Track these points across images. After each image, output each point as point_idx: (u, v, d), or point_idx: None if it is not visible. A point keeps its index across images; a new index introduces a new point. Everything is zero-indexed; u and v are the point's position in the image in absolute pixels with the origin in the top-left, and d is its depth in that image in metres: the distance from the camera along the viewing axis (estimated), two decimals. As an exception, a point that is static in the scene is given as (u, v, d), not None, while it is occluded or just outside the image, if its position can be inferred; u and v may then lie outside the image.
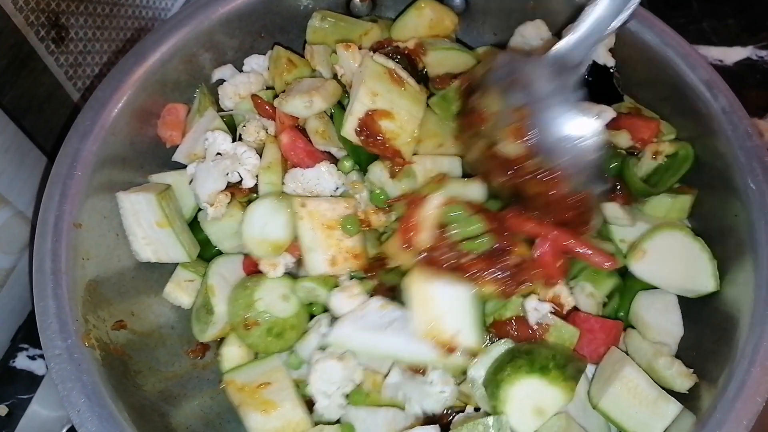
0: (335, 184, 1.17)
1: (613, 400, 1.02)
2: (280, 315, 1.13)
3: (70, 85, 1.55)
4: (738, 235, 1.06)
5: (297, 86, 1.22)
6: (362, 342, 1.06)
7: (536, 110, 1.02)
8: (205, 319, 1.17)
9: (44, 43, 1.43)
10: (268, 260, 1.14)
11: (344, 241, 1.11)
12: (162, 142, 1.29)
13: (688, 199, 1.18)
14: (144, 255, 1.18)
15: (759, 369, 0.92)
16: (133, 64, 1.20)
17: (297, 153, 1.20)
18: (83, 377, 0.95)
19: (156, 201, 1.15)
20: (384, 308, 1.07)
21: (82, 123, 1.14)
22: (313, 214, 1.11)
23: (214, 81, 1.34)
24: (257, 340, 1.13)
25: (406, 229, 1.06)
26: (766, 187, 1.05)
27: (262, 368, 1.14)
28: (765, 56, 1.88)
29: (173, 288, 1.23)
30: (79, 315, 1.01)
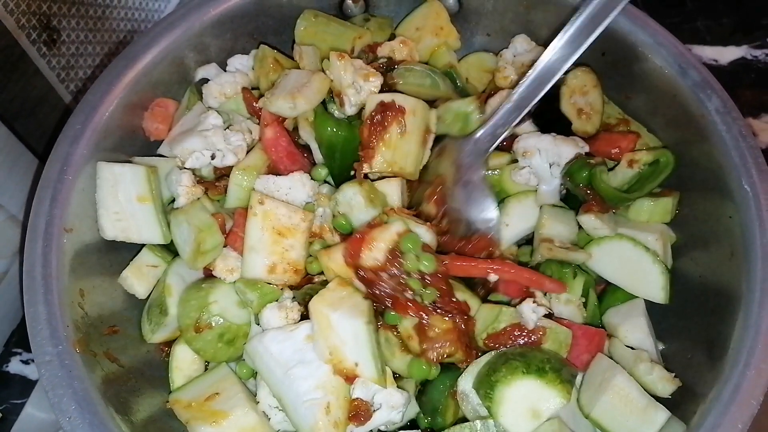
0: (306, 196, 1.15)
1: (605, 409, 1.02)
2: (234, 321, 1.09)
3: (62, 87, 1.55)
4: (732, 237, 1.05)
5: (283, 81, 1.20)
6: (266, 369, 1.01)
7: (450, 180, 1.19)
8: (157, 319, 1.13)
9: (36, 46, 1.42)
10: (225, 266, 1.12)
11: (290, 252, 1.08)
12: (148, 139, 1.27)
13: (669, 201, 1.19)
14: (110, 232, 1.12)
15: (754, 372, 0.92)
16: (123, 67, 1.20)
17: (278, 150, 1.18)
18: (74, 383, 0.95)
19: (145, 174, 1.13)
20: (308, 341, 1.01)
21: (73, 127, 1.13)
22: (267, 214, 1.08)
23: (198, 80, 1.32)
24: (206, 345, 1.09)
25: (357, 241, 1.04)
26: (760, 188, 1.05)
27: (210, 380, 1.09)
28: (759, 56, 1.88)
29: (132, 273, 1.17)
30: (70, 321, 1.00)
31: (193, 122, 1.24)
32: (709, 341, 1.04)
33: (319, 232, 1.15)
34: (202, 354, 1.10)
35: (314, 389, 0.97)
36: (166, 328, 1.13)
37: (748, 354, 0.93)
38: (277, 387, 1.00)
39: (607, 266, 1.17)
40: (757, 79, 1.84)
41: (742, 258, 1.02)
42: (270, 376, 1.00)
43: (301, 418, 0.97)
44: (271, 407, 1.03)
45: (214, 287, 1.11)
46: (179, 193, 1.15)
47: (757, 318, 0.96)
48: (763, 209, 1.03)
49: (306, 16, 1.32)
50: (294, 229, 1.09)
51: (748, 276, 1.00)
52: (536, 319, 1.05)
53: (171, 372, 1.14)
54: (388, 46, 1.32)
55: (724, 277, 1.06)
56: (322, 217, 1.16)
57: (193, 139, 1.16)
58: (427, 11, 1.39)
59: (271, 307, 1.06)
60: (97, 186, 1.12)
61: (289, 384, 0.98)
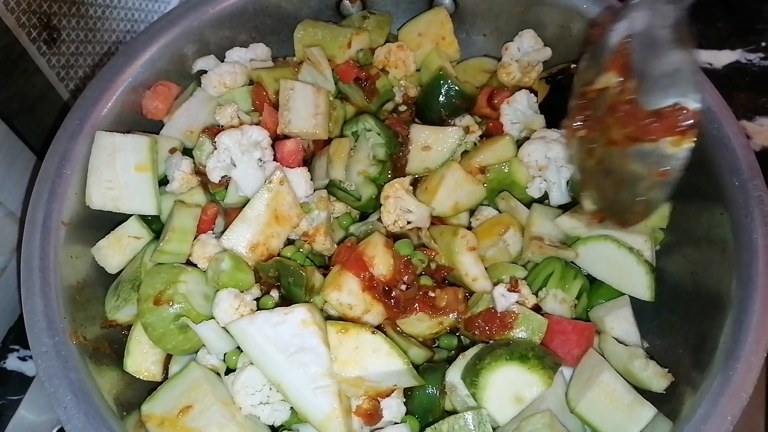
0: (305, 193, 1.15)
1: (590, 405, 1.03)
2: (197, 308, 1.05)
3: (62, 86, 1.55)
4: (723, 233, 1.06)
5: (294, 103, 1.21)
6: (260, 353, 0.98)
7: (637, 41, 1.00)
8: (126, 295, 1.09)
9: (36, 45, 1.43)
10: (203, 253, 1.10)
11: (273, 239, 1.09)
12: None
13: (666, 207, 1.20)
14: (98, 201, 1.11)
15: (743, 365, 0.92)
16: (123, 63, 1.21)
17: (293, 162, 1.19)
18: (70, 374, 0.95)
19: (148, 143, 1.14)
20: (305, 326, 0.98)
21: (72, 122, 1.14)
22: (279, 195, 1.08)
23: (196, 71, 1.32)
24: (159, 322, 1.03)
25: (359, 263, 1.04)
26: (750, 184, 1.06)
27: (181, 387, 1.03)
28: (754, 59, 1.89)
29: (108, 243, 1.14)
30: (67, 313, 1.01)
31: (199, 109, 1.25)
32: (700, 336, 1.04)
33: (312, 234, 1.14)
34: (150, 331, 1.04)
35: (322, 376, 0.97)
36: (134, 306, 1.09)
37: (738, 347, 0.94)
38: (277, 372, 0.97)
39: (594, 265, 1.19)
40: (752, 82, 1.85)
41: (734, 254, 1.03)
42: (267, 361, 0.98)
43: (312, 405, 0.96)
44: (255, 406, 1.00)
45: (187, 271, 1.08)
46: (175, 177, 1.15)
47: (748, 313, 0.96)
48: (753, 205, 1.04)
49: (304, 25, 1.35)
50: (287, 220, 1.10)
51: (738, 272, 1.01)
52: (507, 303, 1.06)
53: (126, 354, 1.09)
54: (386, 48, 1.33)
55: (715, 273, 1.07)
56: (316, 220, 1.16)
57: (231, 136, 1.13)
58: (433, 19, 1.40)
59: (230, 292, 1.04)
60: (92, 154, 1.11)
61: (293, 370, 0.97)
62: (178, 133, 1.25)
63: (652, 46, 0.98)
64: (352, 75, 1.30)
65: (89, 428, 0.92)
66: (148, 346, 1.08)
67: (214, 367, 1.07)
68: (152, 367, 1.10)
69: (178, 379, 1.04)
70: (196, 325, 1.03)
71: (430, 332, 1.11)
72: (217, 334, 1.04)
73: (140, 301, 1.05)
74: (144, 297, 1.04)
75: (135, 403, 1.03)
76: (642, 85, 0.97)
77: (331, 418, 0.95)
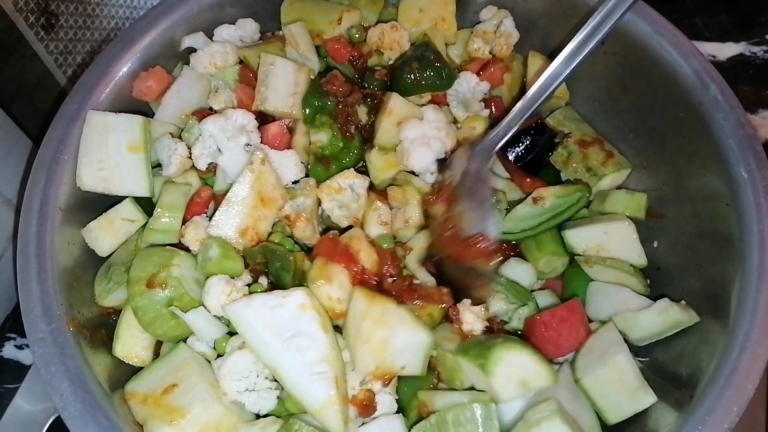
0: (293, 176, 1.14)
1: (597, 382, 1.03)
2: (189, 292, 1.02)
3: (60, 72, 1.54)
4: (729, 224, 1.05)
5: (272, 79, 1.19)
6: (256, 336, 0.96)
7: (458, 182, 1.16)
8: (117, 278, 1.07)
9: (33, 30, 1.41)
10: (196, 235, 1.08)
11: (262, 222, 1.07)
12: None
13: (643, 197, 1.26)
14: (89, 182, 1.08)
15: (749, 356, 0.91)
16: (120, 49, 1.19)
17: (279, 145, 1.17)
18: (67, 361, 0.94)
19: (141, 123, 1.11)
20: (304, 310, 0.97)
21: (69, 107, 1.13)
22: (261, 176, 1.06)
23: (183, 48, 1.29)
24: (150, 305, 1.00)
25: (347, 256, 1.04)
26: (757, 175, 1.05)
27: (167, 367, 1.01)
28: (758, 52, 1.88)
29: (100, 225, 1.11)
30: (64, 299, 0.99)
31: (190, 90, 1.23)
32: (705, 327, 1.04)
33: (294, 219, 1.12)
34: (140, 315, 1.02)
35: (320, 362, 0.95)
36: (125, 290, 1.06)
37: (744, 338, 0.93)
38: (272, 357, 0.96)
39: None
40: (755, 75, 1.84)
41: (740, 246, 1.02)
42: (262, 344, 0.96)
43: (309, 391, 0.95)
44: (240, 392, 0.98)
45: (180, 254, 1.06)
46: (171, 161, 1.13)
47: (754, 304, 0.95)
48: (760, 196, 1.03)
49: (289, 1, 1.33)
50: (272, 201, 1.08)
51: (744, 262, 1.00)
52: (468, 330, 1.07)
53: (116, 339, 1.07)
54: (379, 29, 1.30)
55: (720, 264, 1.06)
56: (300, 206, 1.14)
57: (215, 123, 1.11)
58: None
59: (220, 278, 1.02)
60: (83, 134, 1.09)
61: (290, 355, 0.95)
62: (172, 117, 1.22)
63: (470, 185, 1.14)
64: (345, 55, 1.28)
65: (86, 415, 0.91)
66: (137, 330, 1.06)
67: (204, 355, 1.06)
68: (142, 353, 1.08)
69: (166, 359, 1.02)
70: (185, 314, 1.02)
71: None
72: (206, 320, 1.03)
73: (131, 284, 1.02)
74: (135, 279, 1.02)
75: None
76: (461, 217, 1.13)
77: (328, 405, 0.94)
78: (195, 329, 1.03)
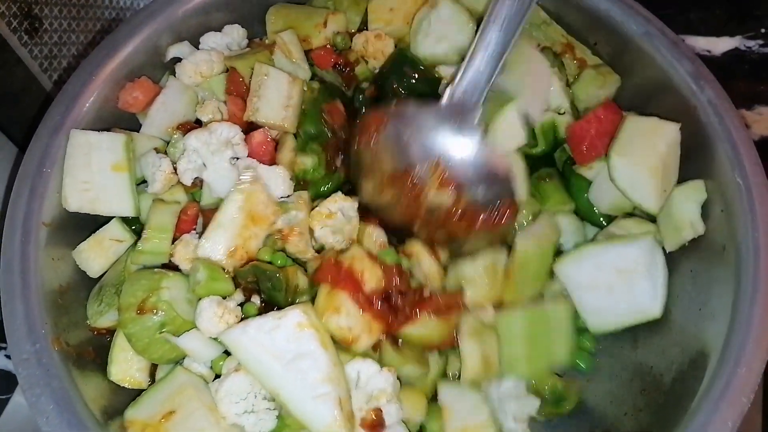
0: (282, 192, 1.12)
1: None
2: (181, 314, 1.01)
3: (45, 77, 1.51)
4: (724, 231, 1.04)
5: (265, 91, 1.17)
6: (256, 362, 0.95)
7: (450, 159, 1.09)
8: (109, 300, 1.06)
9: (17, 35, 1.39)
10: (185, 253, 1.06)
11: (252, 240, 1.05)
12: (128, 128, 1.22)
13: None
14: (75, 203, 1.07)
15: (744, 369, 0.90)
16: (104, 56, 1.17)
17: (263, 154, 1.15)
18: (52, 382, 0.92)
19: (124, 141, 1.10)
20: (301, 329, 0.96)
21: (52, 118, 1.10)
22: (251, 196, 1.05)
23: (169, 59, 1.27)
24: (143, 332, 0.99)
25: (351, 281, 1.01)
26: (752, 180, 1.03)
27: (165, 391, 1.00)
28: (753, 46, 1.86)
29: (89, 247, 1.10)
30: (49, 318, 0.98)
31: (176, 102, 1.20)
32: (699, 339, 1.02)
33: (286, 233, 1.10)
34: (134, 341, 1.01)
35: (322, 383, 0.94)
36: (116, 312, 1.05)
37: (739, 351, 0.92)
38: (274, 381, 0.95)
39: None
40: (751, 70, 1.83)
41: (734, 252, 1.01)
42: (263, 369, 0.95)
43: (313, 414, 0.93)
44: (239, 415, 0.97)
45: (169, 276, 1.04)
46: (156, 178, 1.11)
47: (749, 314, 0.94)
48: (755, 202, 1.01)
49: (276, 8, 1.31)
50: (264, 219, 1.06)
51: (739, 270, 0.99)
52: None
53: (110, 362, 1.06)
54: (363, 37, 1.28)
55: (715, 272, 1.04)
56: (293, 221, 1.11)
57: (199, 137, 1.09)
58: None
59: (212, 300, 1.00)
60: (67, 154, 1.08)
61: (292, 378, 0.94)
62: (158, 131, 1.20)
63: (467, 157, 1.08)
64: (329, 62, 1.26)
65: (72, 438, 0.90)
66: (132, 353, 1.04)
67: (201, 375, 1.05)
68: (137, 375, 1.06)
69: (163, 384, 1.01)
70: (177, 338, 1.00)
71: (440, 334, 1.07)
72: (200, 343, 1.01)
73: (121, 311, 1.01)
74: (125, 306, 1.00)
75: (120, 410, 1.00)
76: (468, 191, 1.09)
77: (333, 427, 0.93)
78: (190, 353, 1.03)
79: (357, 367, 1.00)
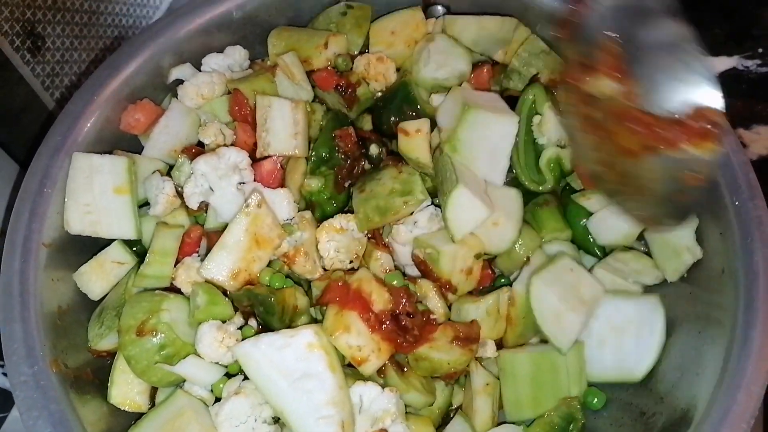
0: (286, 215, 1.12)
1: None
2: (181, 336, 1.01)
3: (47, 95, 1.52)
4: (723, 254, 1.04)
5: (272, 124, 1.17)
6: (264, 377, 0.95)
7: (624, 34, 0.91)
8: (109, 323, 1.06)
9: (19, 53, 1.40)
10: (187, 277, 1.07)
11: (255, 263, 1.05)
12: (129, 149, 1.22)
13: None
14: (77, 226, 1.07)
15: (744, 394, 0.90)
16: (106, 76, 1.17)
17: (273, 182, 1.16)
18: (50, 406, 0.92)
19: (126, 164, 1.10)
20: (311, 349, 0.96)
21: (53, 138, 1.11)
22: (258, 217, 1.05)
23: (172, 80, 1.27)
24: (142, 354, 0.99)
25: (359, 302, 1.01)
26: (750, 204, 1.03)
27: (164, 415, 0.99)
28: (751, 66, 1.87)
29: (91, 269, 1.10)
30: (48, 340, 0.97)
31: (179, 124, 1.21)
32: (698, 362, 1.02)
33: (292, 255, 1.11)
34: (133, 363, 1.00)
35: (326, 405, 0.94)
36: (117, 335, 1.04)
37: (739, 375, 0.91)
38: (280, 399, 0.94)
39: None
40: (749, 89, 1.83)
41: (733, 277, 1.00)
42: (271, 386, 0.95)
43: None
44: None
45: (170, 298, 1.04)
46: (158, 201, 1.12)
47: (748, 339, 0.94)
48: (753, 227, 1.01)
49: (278, 31, 1.32)
50: (269, 242, 1.06)
51: (739, 294, 0.98)
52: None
53: (111, 385, 1.05)
54: (365, 59, 1.29)
55: (715, 295, 1.04)
56: (298, 241, 1.12)
57: (208, 162, 1.09)
58: (408, 19, 1.33)
59: (212, 325, 1.00)
60: (69, 177, 1.08)
61: (298, 397, 0.94)
62: (161, 154, 1.20)
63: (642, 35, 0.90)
64: (331, 83, 1.26)
65: (70, 462, 0.89)
66: (132, 376, 1.04)
67: (201, 398, 1.04)
68: (138, 398, 1.06)
69: (163, 408, 1.01)
70: (175, 367, 1.00)
71: (453, 363, 1.05)
72: (199, 368, 1.01)
73: (121, 333, 1.01)
74: (125, 328, 1.00)
75: (118, 433, 1.00)
76: (646, 87, 0.89)
77: None
78: (189, 378, 1.03)
79: (359, 391, 0.99)
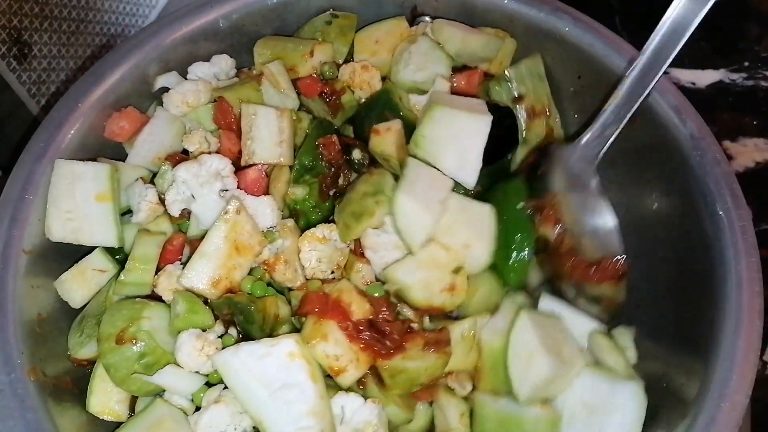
0: (270, 222, 1.11)
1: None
2: (161, 344, 1.00)
3: (33, 102, 1.52)
4: (705, 264, 1.04)
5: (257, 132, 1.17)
6: (243, 387, 0.94)
7: (566, 198, 1.14)
8: (90, 332, 1.05)
9: (5, 60, 1.39)
10: (168, 284, 1.06)
11: (236, 271, 1.04)
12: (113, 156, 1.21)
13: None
14: (58, 233, 1.06)
15: (728, 404, 0.89)
16: (91, 84, 1.16)
17: (257, 190, 1.15)
18: (27, 415, 0.90)
19: (108, 172, 1.09)
20: (293, 359, 0.95)
21: (36, 145, 1.10)
22: (237, 225, 1.04)
23: (157, 88, 1.27)
24: (122, 362, 0.98)
25: (338, 311, 1.00)
26: (735, 214, 1.04)
27: (143, 425, 0.98)
28: (737, 79, 1.89)
29: (72, 277, 1.09)
30: (26, 347, 0.96)
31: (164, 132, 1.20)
32: (683, 372, 1.01)
33: (272, 263, 1.10)
34: (112, 372, 0.99)
35: (306, 415, 0.92)
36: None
37: (723, 386, 0.91)
38: (259, 409, 0.93)
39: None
40: (735, 102, 1.85)
41: (717, 287, 1.00)
42: (250, 396, 0.93)
43: None
44: None
45: (150, 306, 1.03)
46: (141, 208, 1.11)
47: (732, 348, 0.93)
48: (737, 236, 1.01)
49: (264, 40, 1.32)
50: (249, 249, 1.06)
51: (722, 304, 0.98)
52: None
53: (90, 394, 1.04)
54: (350, 68, 1.29)
55: (698, 306, 1.04)
56: (279, 249, 1.11)
57: (189, 169, 1.09)
58: (392, 29, 1.34)
59: (191, 333, 0.99)
60: (51, 184, 1.07)
61: (277, 408, 0.92)
62: (145, 161, 1.19)
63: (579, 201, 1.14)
64: (315, 90, 1.26)
65: (47, 473, 0.88)
66: (112, 384, 1.02)
67: (181, 407, 1.03)
68: (117, 407, 1.04)
69: (142, 417, 0.99)
70: (153, 377, 0.99)
71: (428, 370, 1.03)
72: (177, 378, 1.00)
73: (101, 341, 0.99)
74: (104, 336, 0.99)
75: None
76: (577, 239, 1.13)
77: None
78: (168, 388, 1.01)
79: (341, 402, 0.98)
